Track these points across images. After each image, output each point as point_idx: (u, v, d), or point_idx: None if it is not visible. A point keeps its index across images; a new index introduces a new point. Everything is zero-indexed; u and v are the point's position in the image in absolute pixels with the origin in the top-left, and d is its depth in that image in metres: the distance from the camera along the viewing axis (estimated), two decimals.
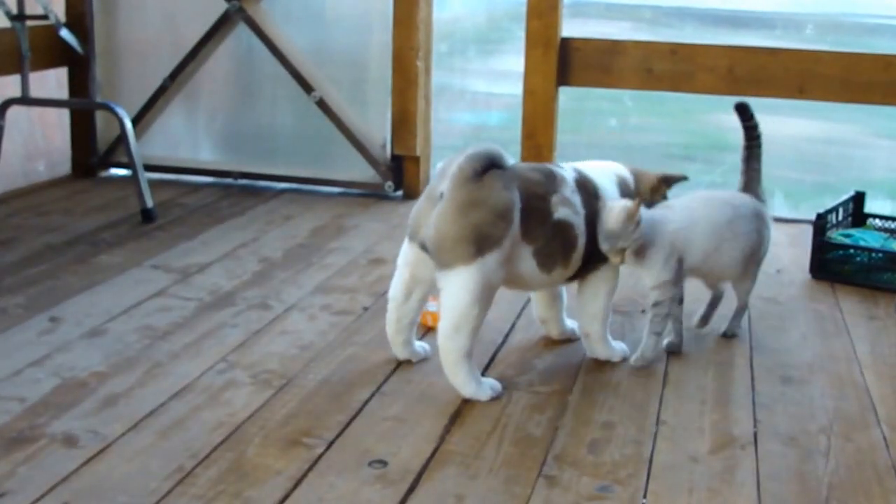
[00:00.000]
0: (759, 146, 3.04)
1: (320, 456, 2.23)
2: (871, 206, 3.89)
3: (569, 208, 2.59)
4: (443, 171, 2.51)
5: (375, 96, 4.53)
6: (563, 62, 4.32)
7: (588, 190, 2.66)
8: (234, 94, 4.72)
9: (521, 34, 4.33)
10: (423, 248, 2.52)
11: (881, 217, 3.82)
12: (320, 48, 4.55)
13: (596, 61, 4.34)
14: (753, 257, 2.92)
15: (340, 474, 2.16)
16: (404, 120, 4.47)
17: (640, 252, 2.68)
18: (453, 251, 2.44)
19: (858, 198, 3.85)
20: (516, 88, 4.37)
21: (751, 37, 6.33)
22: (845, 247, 3.52)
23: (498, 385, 2.57)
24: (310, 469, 2.18)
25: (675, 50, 4.28)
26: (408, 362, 2.74)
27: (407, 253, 2.62)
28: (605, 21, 6.27)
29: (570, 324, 2.93)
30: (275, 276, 3.41)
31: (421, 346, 2.76)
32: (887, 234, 3.71)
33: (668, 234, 2.73)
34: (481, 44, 6.25)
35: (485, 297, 2.49)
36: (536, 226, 2.54)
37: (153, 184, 4.22)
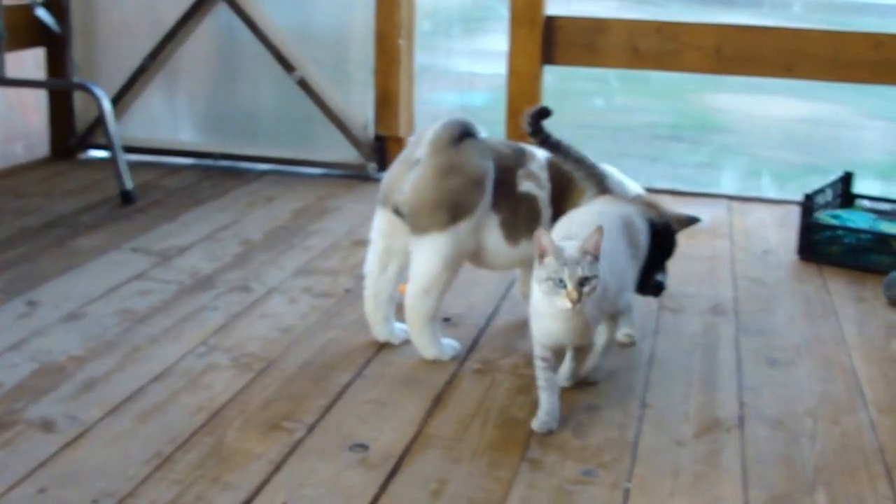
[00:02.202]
0: (566, 149, 2.59)
1: (301, 440, 2.21)
2: (859, 187, 3.86)
3: (534, 182, 2.61)
4: (418, 137, 2.56)
5: (358, 76, 4.49)
6: (547, 41, 4.28)
7: (557, 169, 2.64)
8: (214, 74, 4.67)
9: (505, 12, 4.29)
10: (397, 212, 2.55)
11: (869, 198, 3.80)
12: (302, 27, 4.51)
13: (581, 40, 4.30)
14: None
15: (321, 458, 2.13)
16: (387, 100, 4.43)
17: None
18: (430, 217, 2.49)
19: (846, 178, 3.82)
20: (500, 68, 4.34)
21: (738, 15, 6.32)
22: (833, 228, 3.49)
23: (457, 344, 2.67)
24: (290, 453, 2.15)
25: (661, 28, 4.24)
26: (389, 345, 2.71)
27: (380, 222, 2.65)
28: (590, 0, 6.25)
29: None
30: (255, 258, 3.38)
31: (400, 327, 2.72)
32: (875, 215, 3.68)
33: None
34: (465, 22, 6.23)
35: (455, 263, 2.56)
36: (503, 197, 2.56)
37: (133, 165, 4.18)
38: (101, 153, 4.68)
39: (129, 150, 4.34)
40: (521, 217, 2.59)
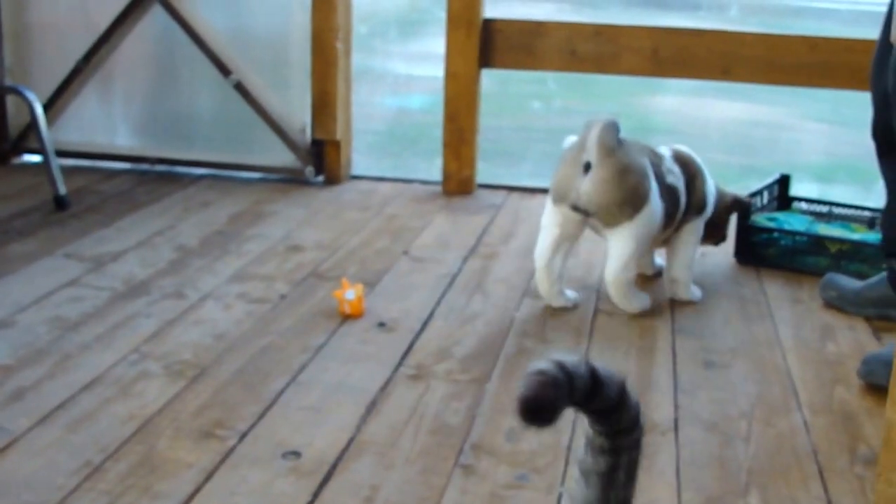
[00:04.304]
0: None
1: (233, 448, 2.19)
2: (796, 189, 3.89)
3: (673, 175, 3.08)
4: (581, 141, 2.92)
5: (295, 79, 4.46)
6: (485, 44, 4.28)
7: (685, 161, 3.17)
8: (150, 77, 4.62)
9: (443, 15, 4.28)
10: (576, 209, 2.93)
11: (806, 200, 3.82)
12: (238, 30, 4.47)
13: (519, 43, 4.30)
14: None
15: (253, 466, 2.12)
16: (324, 103, 4.40)
17: None
18: (619, 212, 2.91)
19: (784, 181, 3.85)
20: (438, 71, 4.32)
21: (675, 18, 6.35)
22: (770, 230, 3.51)
23: (647, 296, 3.11)
24: (222, 462, 2.13)
25: (599, 31, 4.24)
26: (322, 349, 2.70)
27: (553, 215, 3.01)
28: (528, 2, 6.26)
29: (658, 260, 3.42)
30: (191, 264, 3.35)
31: (571, 293, 3.13)
32: (812, 218, 3.71)
33: None
34: (402, 25, 6.22)
35: (644, 243, 3.02)
36: (660, 188, 3.00)
37: (67, 170, 4.14)
38: (34, 158, 4.62)
39: (64, 154, 4.29)
40: (669, 205, 3.04)
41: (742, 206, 3.44)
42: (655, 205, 2.97)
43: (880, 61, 2.74)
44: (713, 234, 3.35)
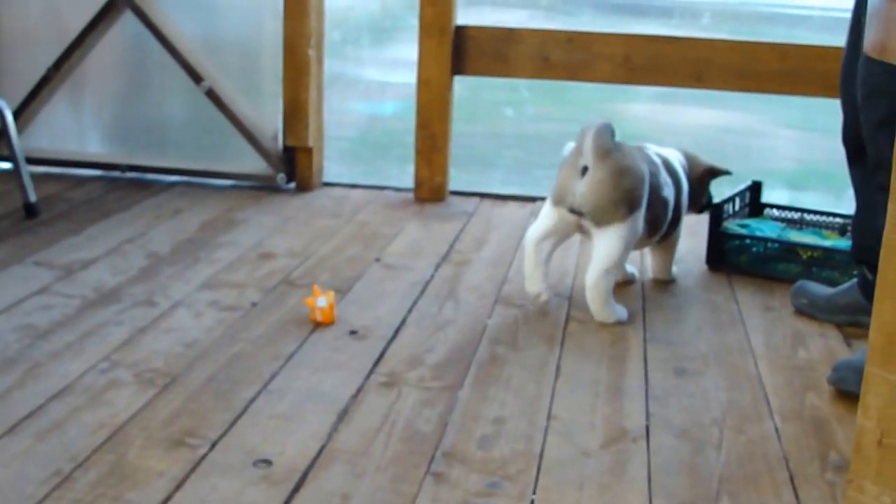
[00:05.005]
0: None
1: (204, 456, 2.18)
2: (768, 196, 3.90)
3: (669, 188, 3.17)
4: (578, 146, 2.97)
5: (267, 86, 4.45)
6: (457, 51, 4.28)
7: (673, 172, 3.24)
8: (121, 84, 4.61)
9: (416, 22, 4.28)
10: (573, 211, 2.98)
11: (778, 207, 3.83)
12: (210, 37, 4.46)
13: (491, 50, 4.30)
14: None
15: (224, 475, 2.11)
16: (296, 110, 4.40)
17: None
18: (612, 212, 2.95)
19: (755, 188, 3.86)
20: (411, 77, 4.32)
21: (648, 25, 6.36)
22: (741, 237, 3.52)
23: (626, 311, 3.08)
24: (192, 470, 2.12)
25: (572, 38, 4.25)
26: (293, 357, 2.69)
27: (551, 213, 3.06)
28: (500, 9, 6.26)
29: (630, 268, 3.43)
30: (162, 271, 3.33)
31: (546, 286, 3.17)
32: (784, 224, 3.72)
33: None
34: (375, 32, 6.20)
35: (630, 246, 3.06)
36: (650, 197, 3.06)
37: (38, 177, 4.12)
38: (4, 165, 4.58)
39: (34, 161, 4.27)
40: (656, 214, 3.13)
41: (716, 174, 3.46)
42: (643, 212, 3.02)
43: (849, 68, 2.76)
44: (691, 204, 3.41)
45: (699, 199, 3.46)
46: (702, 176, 3.42)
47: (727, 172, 3.49)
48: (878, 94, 2.54)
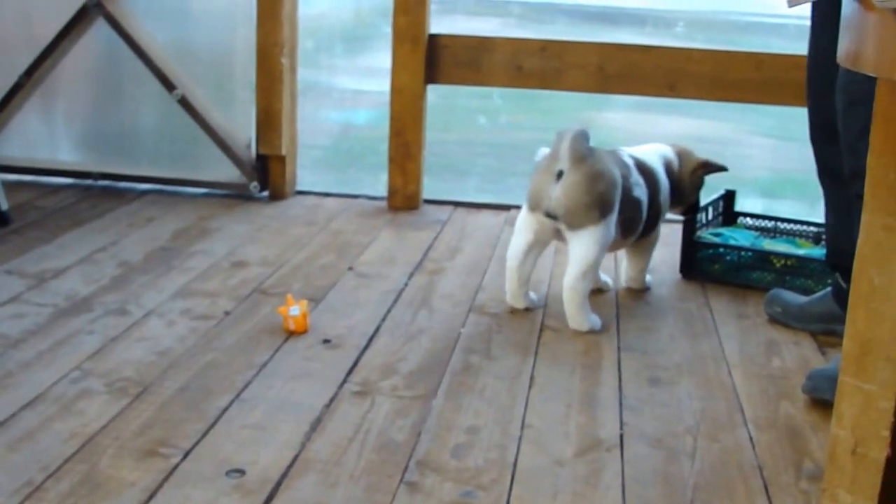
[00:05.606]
0: None
1: (176, 466, 2.16)
2: (742, 205, 3.91)
3: (640, 188, 3.19)
4: (554, 151, 3.01)
5: (240, 94, 4.44)
6: (431, 59, 4.28)
7: (647, 172, 3.26)
8: (93, 92, 4.58)
9: (389, 30, 4.27)
10: (548, 215, 3.02)
11: (751, 215, 3.84)
12: (182, 45, 4.45)
13: (465, 58, 4.30)
14: None
15: (197, 485, 2.09)
16: (269, 119, 4.38)
17: None
18: (585, 216, 2.99)
19: (729, 196, 3.86)
20: (384, 86, 4.31)
21: (621, 34, 6.37)
22: (715, 245, 3.53)
23: (599, 320, 3.10)
24: (165, 480, 2.11)
25: (545, 47, 4.25)
26: (266, 366, 2.68)
27: (528, 221, 3.10)
28: (473, 17, 6.26)
29: (603, 276, 3.45)
30: (134, 280, 3.32)
31: (533, 294, 3.24)
32: (757, 233, 3.73)
33: None
34: (348, 40, 6.19)
35: (605, 250, 3.09)
36: (622, 199, 3.09)
37: (9, 186, 4.09)
38: None
39: (5, 169, 4.26)
40: (630, 216, 3.16)
41: (710, 169, 3.46)
42: (615, 215, 3.05)
43: (817, 73, 2.77)
44: (680, 200, 3.44)
45: (689, 197, 3.47)
46: (695, 170, 3.43)
47: (723, 168, 3.49)
48: (859, 103, 2.51)
